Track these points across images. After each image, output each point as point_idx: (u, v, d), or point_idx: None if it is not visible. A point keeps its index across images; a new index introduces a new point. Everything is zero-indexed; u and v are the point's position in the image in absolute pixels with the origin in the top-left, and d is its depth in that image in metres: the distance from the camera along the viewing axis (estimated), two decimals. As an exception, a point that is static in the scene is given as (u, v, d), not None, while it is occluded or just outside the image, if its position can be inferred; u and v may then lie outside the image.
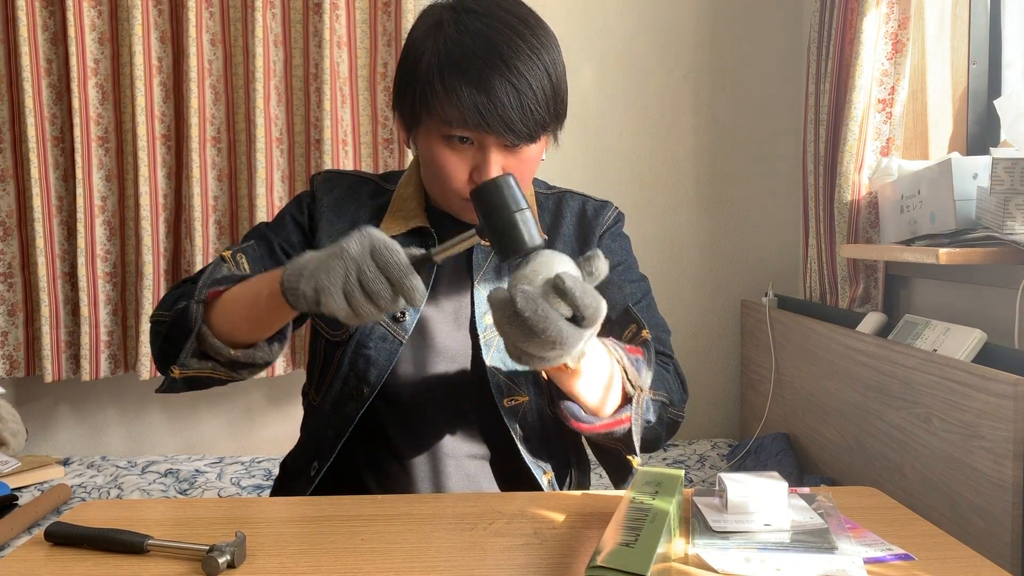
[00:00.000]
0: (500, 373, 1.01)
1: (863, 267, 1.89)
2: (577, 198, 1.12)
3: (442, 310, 1.03)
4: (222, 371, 0.91)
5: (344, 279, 0.72)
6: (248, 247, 1.02)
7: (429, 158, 0.96)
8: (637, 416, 0.90)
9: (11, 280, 2.31)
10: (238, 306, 0.88)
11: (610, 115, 2.44)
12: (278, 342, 0.92)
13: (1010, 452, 1.17)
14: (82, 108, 2.24)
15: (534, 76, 0.90)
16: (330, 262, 0.73)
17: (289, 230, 1.07)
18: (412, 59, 0.94)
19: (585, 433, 0.91)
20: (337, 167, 2.28)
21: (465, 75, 0.88)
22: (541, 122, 0.92)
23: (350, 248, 0.73)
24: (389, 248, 0.72)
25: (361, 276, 0.72)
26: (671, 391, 1.00)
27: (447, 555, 0.73)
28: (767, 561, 0.69)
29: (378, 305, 0.72)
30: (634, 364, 0.90)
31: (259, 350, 0.90)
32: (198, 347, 0.89)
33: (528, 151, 0.95)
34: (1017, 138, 1.50)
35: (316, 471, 1.02)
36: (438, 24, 0.93)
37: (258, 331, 0.89)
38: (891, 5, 1.78)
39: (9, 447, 2.15)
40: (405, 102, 0.96)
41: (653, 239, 2.44)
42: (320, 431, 1.04)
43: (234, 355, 0.89)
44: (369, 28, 2.33)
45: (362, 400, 1.00)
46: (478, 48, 0.89)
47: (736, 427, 2.51)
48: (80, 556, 0.74)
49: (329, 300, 0.72)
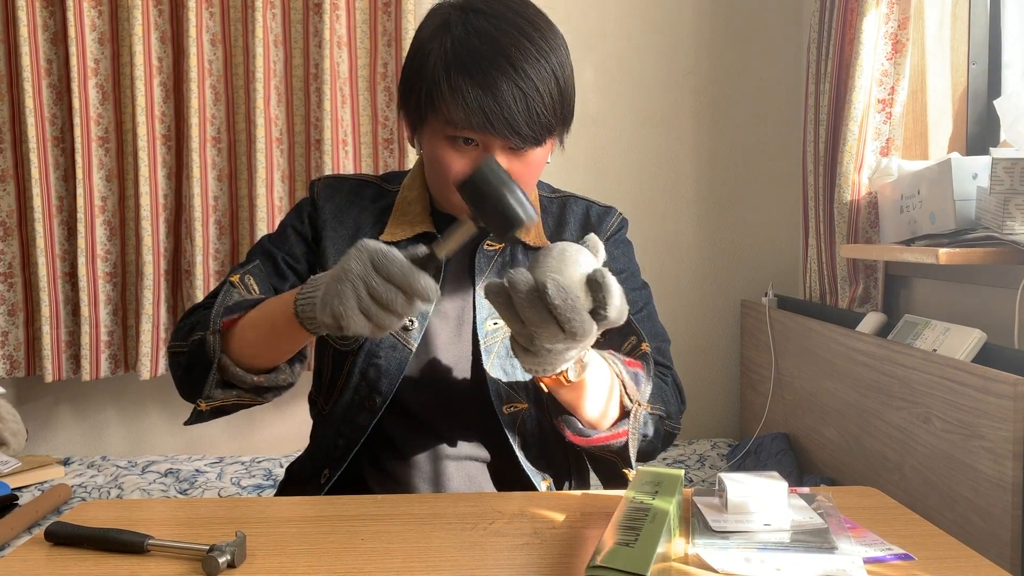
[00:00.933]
0: (500, 380, 1.01)
1: (863, 267, 1.89)
2: (581, 203, 1.12)
3: (445, 316, 1.03)
4: (247, 397, 0.93)
5: (356, 299, 0.72)
6: (254, 268, 1.02)
7: (433, 158, 0.95)
8: (634, 431, 0.90)
9: (11, 280, 2.31)
10: (255, 333, 0.88)
11: (610, 115, 2.44)
12: (299, 363, 0.94)
13: (1010, 452, 1.17)
14: (82, 108, 2.24)
15: (541, 79, 0.89)
16: (338, 287, 0.73)
17: (292, 242, 1.06)
18: (418, 59, 0.93)
19: (581, 446, 0.91)
20: (337, 167, 2.28)
21: (471, 76, 0.88)
22: (547, 125, 0.91)
23: (352, 267, 0.73)
24: (388, 256, 0.73)
25: (371, 291, 0.72)
26: (668, 403, 1.00)
27: (447, 555, 0.73)
28: (767, 561, 0.69)
29: (396, 312, 0.73)
30: (633, 378, 0.90)
31: (281, 373, 0.91)
32: (220, 377, 0.90)
33: (533, 154, 0.94)
34: (1017, 138, 1.50)
35: (327, 479, 1.01)
36: (445, 24, 0.92)
37: (278, 355, 0.90)
38: (891, 5, 1.78)
39: (9, 447, 2.15)
40: (410, 102, 0.95)
41: (653, 239, 2.44)
42: (330, 440, 1.03)
43: (257, 381, 0.90)
44: (369, 28, 2.33)
45: (375, 410, 1.00)
46: (485, 49, 0.88)
47: (736, 427, 2.51)
48: (80, 556, 0.74)
49: (350, 323, 0.73)
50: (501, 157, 0.92)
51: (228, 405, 0.93)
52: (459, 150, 0.93)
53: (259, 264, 1.03)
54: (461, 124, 0.89)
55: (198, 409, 0.92)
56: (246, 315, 0.90)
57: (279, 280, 1.04)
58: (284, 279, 1.04)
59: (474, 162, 0.92)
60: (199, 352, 0.90)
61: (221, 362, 0.89)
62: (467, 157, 0.93)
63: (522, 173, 0.94)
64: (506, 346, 1.01)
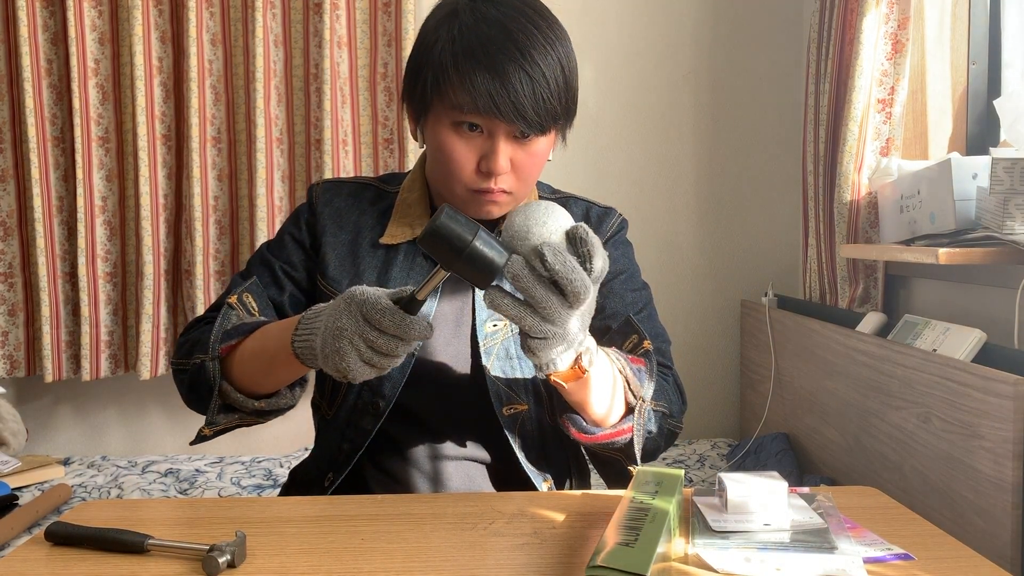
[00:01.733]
0: (500, 381, 1.01)
1: (863, 267, 1.89)
2: (581, 204, 1.12)
3: (444, 318, 1.03)
4: (248, 419, 0.94)
5: (358, 354, 0.76)
6: (252, 285, 1.02)
7: (437, 146, 0.95)
8: (639, 426, 0.90)
9: (11, 280, 2.31)
10: (255, 362, 0.90)
11: (610, 115, 2.44)
12: (299, 387, 0.95)
13: (1010, 452, 1.18)
14: (82, 108, 2.24)
15: (548, 66, 0.90)
16: (336, 344, 0.76)
17: (289, 251, 1.06)
18: (425, 46, 0.94)
19: (586, 443, 0.91)
20: (337, 167, 2.28)
21: (480, 61, 0.88)
22: (552, 113, 0.92)
23: (345, 325, 0.76)
24: (379, 308, 0.74)
25: (370, 344, 0.75)
26: (671, 402, 1.00)
27: (447, 555, 0.73)
28: (767, 561, 0.69)
29: (397, 356, 0.77)
30: (636, 374, 0.90)
31: (282, 397, 0.93)
32: (222, 402, 0.92)
33: (536, 144, 0.94)
34: (1017, 138, 1.50)
35: (331, 482, 1.02)
36: (453, 12, 0.93)
37: (278, 383, 0.91)
38: (891, 5, 1.78)
39: (9, 447, 2.15)
40: (416, 89, 0.95)
41: (653, 239, 2.44)
42: (334, 444, 1.03)
43: (258, 406, 0.92)
44: (369, 28, 2.33)
45: (379, 415, 1.00)
46: (494, 35, 0.89)
47: (736, 427, 2.51)
48: (80, 556, 0.74)
49: (356, 376, 0.76)
50: (505, 144, 0.92)
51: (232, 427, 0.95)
52: (464, 137, 0.93)
53: (256, 281, 1.04)
54: (468, 108, 0.89)
55: (202, 433, 0.93)
56: (245, 341, 0.91)
57: (277, 291, 1.04)
58: (282, 289, 1.05)
59: (479, 150, 0.92)
60: (199, 376, 0.92)
61: (222, 388, 0.90)
62: (471, 144, 0.93)
63: (525, 164, 0.94)
64: (506, 347, 1.01)
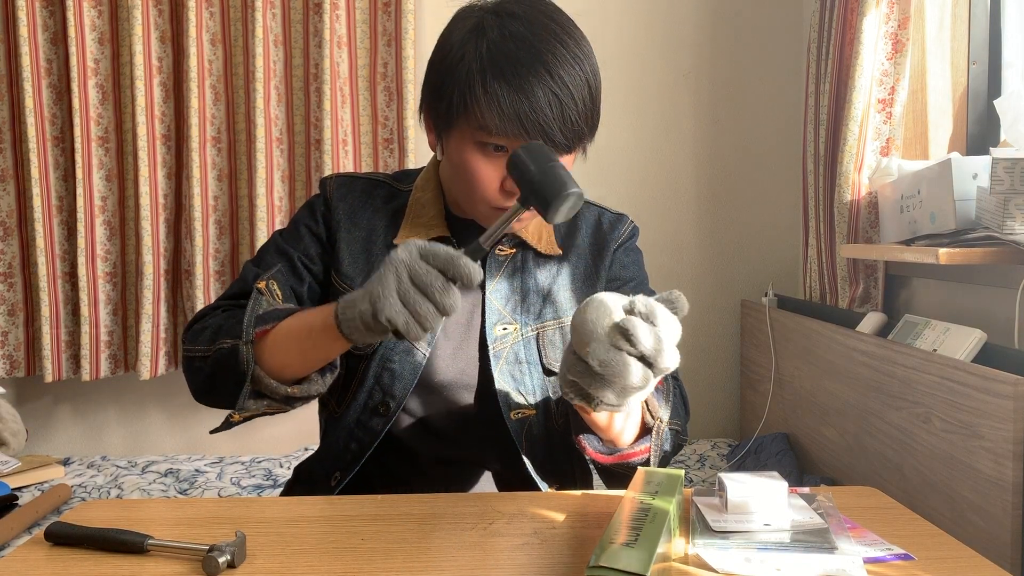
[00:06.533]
0: (508, 385, 1.00)
1: (863, 267, 1.89)
2: (593, 210, 1.11)
3: (454, 321, 1.02)
4: (276, 406, 0.91)
5: (397, 282, 0.71)
6: (277, 272, 1.00)
7: (460, 164, 0.93)
8: (656, 447, 0.89)
9: (11, 280, 2.31)
10: (289, 343, 0.87)
11: (610, 115, 2.43)
12: (330, 372, 0.91)
13: (1010, 452, 1.17)
14: (82, 108, 2.24)
15: (575, 85, 0.88)
16: (381, 271, 0.73)
17: (307, 243, 1.04)
18: (449, 61, 0.91)
19: (602, 464, 0.90)
20: (337, 167, 2.28)
21: (508, 81, 0.86)
22: (579, 133, 0.90)
23: (398, 255, 0.73)
24: (435, 246, 0.73)
25: (412, 274, 0.72)
26: (680, 417, 0.99)
27: (447, 555, 0.73)
28: (767, 561, 0.69)
29: (432, 299, 0.71)
30: (655, 395, 0.89)
31: (313, 384, 0.89)
32: (253, 388, 0.88)
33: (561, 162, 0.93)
34: (1017, 138, 1.50)
35: (337, 482, 1.01)
36: (479, 28, 0.90)
37: (310, 365, 0.88)
38: (891, 5, 1.78)
39: (9, 447, 2.15)
40: (440, 105, 0.92)
41: (653, 239, 2.44)
42: (342, 443, 1.02)
43: (290, 392, 0.88)
44: (369, 28, 2.33)
45: (389, 415, 0.99)
46: (522, 53, 0.86)
47: (736, 427, 2.51)
48: (80, 556, 0.74)
49: (385, 305, 0.71)
50: None
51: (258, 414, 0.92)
52: (488, 156, 0.91)
53: (281, 268, 1.01)
54: (495, 130, 0.87)
55: (230, 420, 0.91)
56: (279, 325, 0.88)
57: (297, 281, 1.02)
58: (301, 280, 1.02)
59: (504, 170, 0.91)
60: (228, 361, 0.88)
61: (255, 373, 0.87)
62: (495, 164, 0.91)
63: None
64: (515, 352, 1.01)
